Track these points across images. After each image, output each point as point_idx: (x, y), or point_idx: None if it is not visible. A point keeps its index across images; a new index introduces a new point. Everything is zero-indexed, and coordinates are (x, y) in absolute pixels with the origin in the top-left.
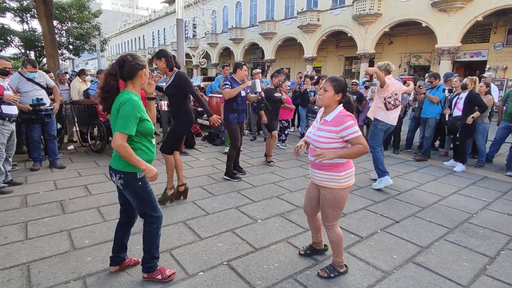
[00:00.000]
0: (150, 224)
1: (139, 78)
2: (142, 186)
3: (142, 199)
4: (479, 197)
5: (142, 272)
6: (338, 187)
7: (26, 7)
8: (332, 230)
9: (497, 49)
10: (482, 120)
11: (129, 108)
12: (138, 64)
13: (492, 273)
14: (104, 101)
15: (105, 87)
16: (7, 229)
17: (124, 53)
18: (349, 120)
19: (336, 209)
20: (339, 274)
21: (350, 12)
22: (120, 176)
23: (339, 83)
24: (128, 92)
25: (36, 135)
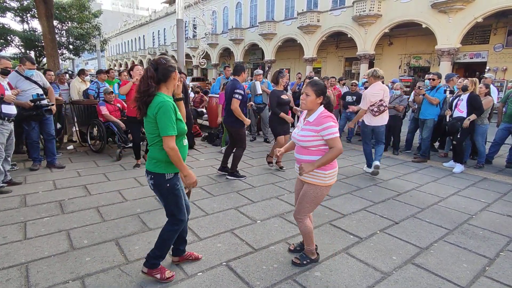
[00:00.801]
0: (172, 225)
1: (172, 80)
2: (171, 188)
3: (168, 200)
4: (478, 198)
5: (143, 266)
6: (322, 184)
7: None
8: (302, 223)
9: (497, 50)
10: (481, 121)
11: (167, 109)
12: (171, 67)
13: (492, 275)
14: (143, 104)
15: (147, 90)
16: (6, 228)
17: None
18: (329, 121)
19: (313, 204)
20: (311, 261)
21: (350, 13)
22: (151, 177)
23: (319, 87)
24: (161, 94)
25: (35, 135)
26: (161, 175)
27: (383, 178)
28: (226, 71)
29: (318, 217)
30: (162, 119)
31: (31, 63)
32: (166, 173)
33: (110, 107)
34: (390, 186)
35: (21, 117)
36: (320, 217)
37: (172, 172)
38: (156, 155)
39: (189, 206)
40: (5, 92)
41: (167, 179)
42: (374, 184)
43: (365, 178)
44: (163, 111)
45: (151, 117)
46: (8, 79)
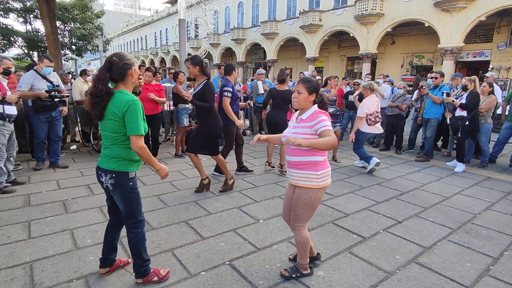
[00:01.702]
0: (134, 229)
1: (129, 77)
2: (133, 187)
3: (130, 200)
4: (482, 197)
5: (136, 279)
6: (315, 186)
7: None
8: (299, 232)
9: (500, 49)
10: (485, 120)
11: (135, 109)
12: (126, 64)
13: (496, 274)
14: (93, 106)
15: (93, 92)
16: (10, 228)
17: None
18: (323, 115)
19: (309, 210)
20: (302, 275)
21: (352, 12)
22: (111, 176)
23: (312, 84)
24: (126, 92)
25: (43, 135)
26: (124, 174)
27: (386, 177)
28: (221, 70)
29: (321, 216)
30: (131, 117)
31: (49, 61)
32: (129, 171)
33: None
34: (393, 185)
35: (36, 107)
36: (323, 216)
37: (135, 171)
38: (120, 154)
39: None
40: (6, 92)
41: (130, 177)
42: (377, 184)
43: (368, 178)
44: (132, 109)
45: (118, 115)
46: (25, 77)
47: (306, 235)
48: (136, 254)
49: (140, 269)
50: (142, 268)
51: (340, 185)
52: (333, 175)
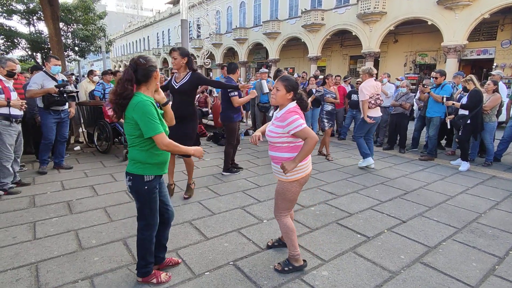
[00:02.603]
0: (143, 231)
1: (153, 80)
2: (148, 191)
3: (143, 203)
4: (487, 196)
5: (136, 276)
6: (285, 180)
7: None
8: (280, 221)
9: (504, 46)
10: (490, 118)
11: (148, 108)
12: (152, 66)
13: (501, 274)
14: (119, 107)
15: (122, 93)
16: (16, 229)
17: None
18: (293, 115)
19: (283, 200)
20: (294, 268)
21: (354, 11)
22: (129, 178)
23: (290, 82)
24: (139, 94)
25: (52, 136)
26: (139, 177)
27: (389, 177)
28: (224, 71)
29: (325, 216)
30: (144, 119)
31: (55, 59)
32: (145, 175)
33: None
34: (397, 184)
35: (46, 102)
36: (326, 216)
37: (152, 174)
38: (135, 156)
39: (172, 213)
40: (11, 94)
41: (145, 181)
42: (380, 183)
43: (371, 177)
44: (142, 111)
45: (130, 118)
46: (35, 78)
47: (288, 224)
48: (140, 255)
49: (142, 269)
50: (144, 268)
51: (343, 184)
52: (336, 175)
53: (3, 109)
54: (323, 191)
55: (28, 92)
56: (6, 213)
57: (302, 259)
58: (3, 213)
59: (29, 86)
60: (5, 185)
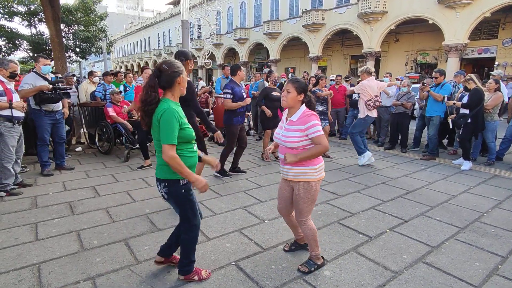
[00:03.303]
0: (189, 232)
1: (177, 86)
2: (186, 193)
3: (184, 206)
4: (489, 195)
5: (178, 274)
6: (313, 179)
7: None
8: (306, 225)
9: (505, 45)
10: (491, 117)
11: (169, 117)
12: (175, 72)
13: (505, 273)
14: (146, 114)
15: (146, 99)
16: (18, 230)
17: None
18: (314, 119)
19: (310, 203)
20: (318, 266)
21: (355, 10)
22: (164, 185)
23: (300, 84)
24: (167, 100)
25: (47, 137)
26: (176, 182)
27: (391, 176)
28: (225, 71)
29: (327, 216)
30: (163, 126)
31: (44, 59)
32: (180, 179)
33: (117, 108)
34: (399, 184)
35: (38, 99)
36: (328, 216)
37: None
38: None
39: (201, 211)
40: (13, 95)
41: (182, 184)
42: (382, 183)
43: (373, 177)
44: (165, 118)
45: (156, 124)
46: (27, 79)
47: (313, 227)
48: (185, 254)
49: (185, 267)
50: (187, 267)
51: (345, 184)
52: (338, 175)
53: (5, 111)
54: (325, 191)
55: (20, 92)
56: (8, 214)
57: (321, 257)
58: (5, 214)
59: (20, 87)
60: (7, 186)
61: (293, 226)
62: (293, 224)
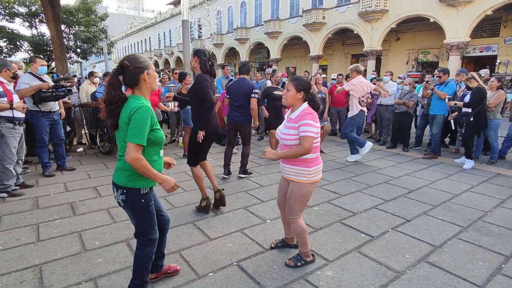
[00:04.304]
0: (144, 247)
1: (143, 82)
2: (145, 204)
3: (142, 218)
4: (492, 194)
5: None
6: (307, 181)
7: (35, 12)
8: (295, 223)
9: (507, 43)
10: (494, 115)
11: (143, 115)
12: (138, 68)
13: (508, 272)
14: (110, 114)
15: (107, 99)
16: (20, 231)
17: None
18: (309, 118)
19: (301, 203)
20: (306, 263)
21: (356, 9)
22: (122, 192)
23: (300, 82)
24: (139, 97)
25: (46, 138)
26: (136, 191)
27: (393, 175)
28: (225, 71)
29: (329, 215)
30: (134, 123)
31: (41, 59)
32: (142, 188)
33: None
34: (401, 183)
35: (37, 98)
36: (330, 215)
37: (148, 187)
38: (130, 167)
39: (168, 219)
40: (13, 96)
41: (142, 194)
42: (384, 182)
43: (375, 176)
44: (139, 115)
45: (127, 122)
46: (23, 79)
47: (302, 225)
48: (138, 274)
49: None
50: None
51: (347, 183)
52: (339, 174)
53: (6, 112)
54: (327, 191)
55: (18, 92)
56: (9, 215)
57: (311, 254)
58: (7, 215)
59: (17, 87)
60: (9, 187)
61: (286, 223)
62: (287, 221)
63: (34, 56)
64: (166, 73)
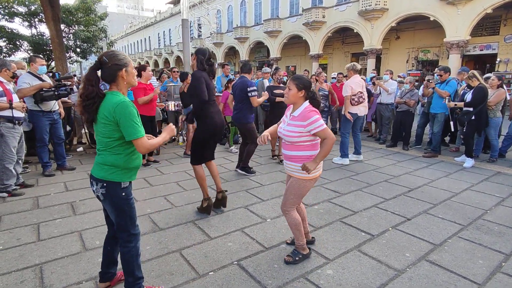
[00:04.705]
0: (127, 243)
1: (121, 79)
2: (126, 198)
3: (123, 212)
4: (492, 193)
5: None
6: (304, 177)
7: (34, 11)
8: (288, 215)
9: (507, 41)
10: (494, 114)
11: (129, 110)
12: (116, 65)
13: (508, 271)
14: (85, 109)
15: (83, 93)
16: (20, 230)
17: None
18: (314, 115)
19: (297, 196)
20: (303, 256)
21: (355, 7)
22: (102, 185)
23: (300, 81)
24: (117, 93)
25: (47, 138)
26: (117, 184)
27: (393, 174)
28: (225, 70)
29: (329, 214)
30: (126, 121)
31: (41, 59)
32: (122, 182)
33: None
34: (401, 182)
35: (39, 97)
36: (330, 214)
37: (128, 181)
38: (112, 161)
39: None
40: (12, 96)
41: (123, 187)
42: (384, 180)
43: (375, 175)
44: (125, 112)
45: (109, 118)
46: (23, 79)
47: (295, 217)
48: (128, 271)
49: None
50: (135, 286)
51: (347, 182)
52: (339, 173)
53: (5, 111)
54: (327, 189)
55: (20, 92)
56: (10, 215)
57: (307, 247)
58: (7, 215)
59: (18, 86)
60: (9, 187)
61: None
62: (301, 216)
63: (34, 55)
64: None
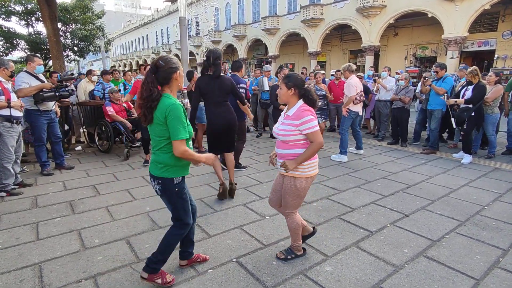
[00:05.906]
0: (178, 229)
1: (175, 81)
2: (179, 192)
3: (177, 205)
4: (490, 188)
5: (142, 271)
6: (301, 176)
7: (31, 10)
8: (290, 218)
9: (505, 38)
10: (492, 110)
11: (179, 113)
12: (172, 68)
13: (506, 266)
14: (149, 110)
15: (149, 96)
16: (19, 230)
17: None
18: (308, 115)
19: (296, 197)
20: (296, 256)
21: (353, 4)
22: (158, 182)
23: (290, 79)
24: (169, 96)
25: (44, 137)
26: (170, 180)
27: (391, 171)
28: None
29: (327, 211)
30: (173, 122)
31: (39, 58)
32: (175, 177)
33: (116, 107)
34: (399, 178)
35: (40, 98)
36: (329, 211)
37: (180, 176)
38: (164, 160)
39: (196, 208)
40: (11, 95)
41: (175, 183)
42: (382, 177)
43: (373, 172)
44: (174, 114)
45: (161, 119)
46: (22, 77)
47: (297, 221)
48: (163, 250)
49: (153, 264)
50: (155, 264)
51: (345, 179)
52: (338, 170)
53: (3, 110)
54: (325, 186)
55: (21, 92)
56: (8, 214)
57: (302, 248)
58: (6, 214)
59: (18, 86)
60: (7, 186)
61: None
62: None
63: (31, 55)
64: None
